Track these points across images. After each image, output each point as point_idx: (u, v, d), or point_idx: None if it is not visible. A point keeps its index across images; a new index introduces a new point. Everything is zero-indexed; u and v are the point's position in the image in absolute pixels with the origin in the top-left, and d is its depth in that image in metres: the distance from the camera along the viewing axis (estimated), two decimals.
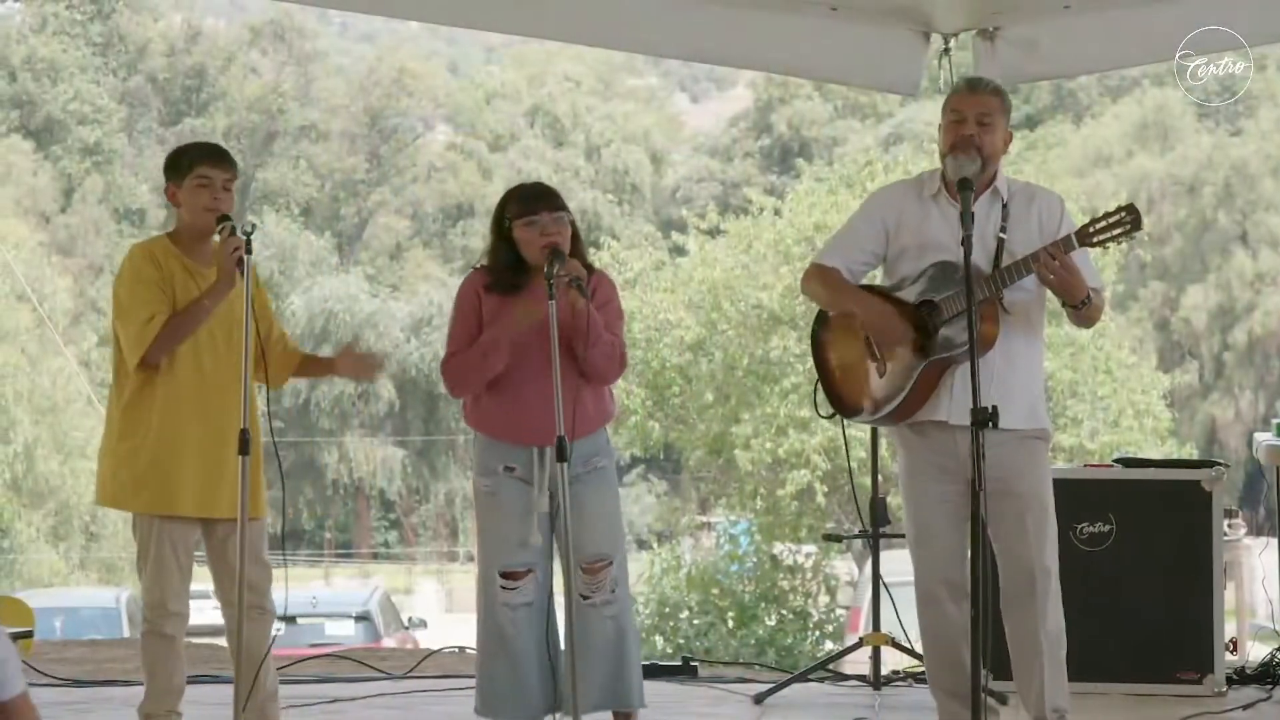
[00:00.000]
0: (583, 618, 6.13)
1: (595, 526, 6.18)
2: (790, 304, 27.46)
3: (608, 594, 6.19)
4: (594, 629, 6.15)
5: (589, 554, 6.16)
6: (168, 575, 6.03)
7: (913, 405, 5.87)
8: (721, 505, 32.14)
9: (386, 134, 55.87)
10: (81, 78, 53.13)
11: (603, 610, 6.18)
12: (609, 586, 6.19)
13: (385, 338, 48.43)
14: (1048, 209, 5.95)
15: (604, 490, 6.24)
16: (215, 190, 6.09)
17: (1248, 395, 46.95)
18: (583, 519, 6.13)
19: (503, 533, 6.18)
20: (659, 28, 7.83)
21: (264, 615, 6.12)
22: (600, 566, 6.18)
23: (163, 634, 6.06)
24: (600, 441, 6.27)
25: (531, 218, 6.17)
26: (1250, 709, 7.17)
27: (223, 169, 6.14)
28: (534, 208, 6.19)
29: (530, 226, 6.17)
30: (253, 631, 6.06)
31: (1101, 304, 5.89)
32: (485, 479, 6.22)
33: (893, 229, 5.99)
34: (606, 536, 6.21)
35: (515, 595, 6.14)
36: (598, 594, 6.18)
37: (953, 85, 6.11)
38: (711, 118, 65.60)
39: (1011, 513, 5.83)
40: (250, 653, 6.05)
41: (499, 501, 6.18)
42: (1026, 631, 5.86)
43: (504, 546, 6.18)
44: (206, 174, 6.10)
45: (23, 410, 35.83)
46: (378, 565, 48.74)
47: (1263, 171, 46.03)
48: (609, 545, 6.22)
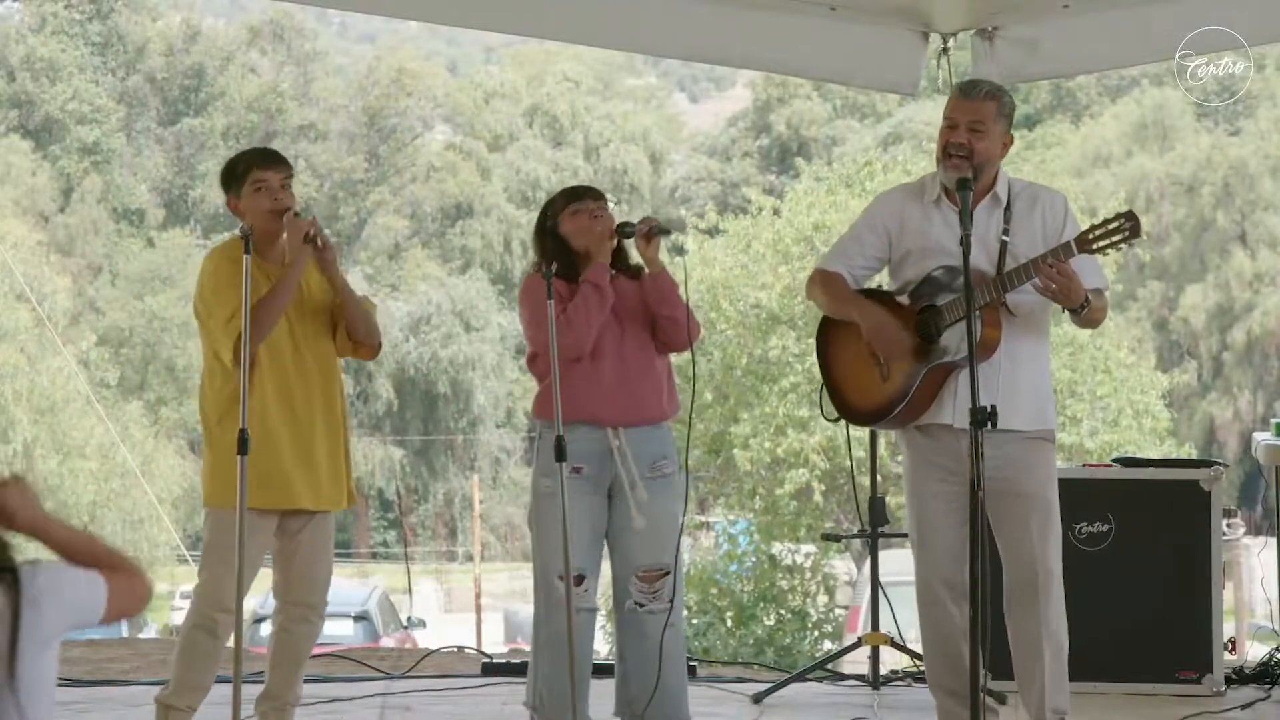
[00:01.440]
0: (639, 625, 6.12)
1: (656, 535, 6.15)
2: (789, 304, 27.47)
3: (665, 603, 6.16)
4: (651, 636, 6.14)
5: (648, 563, 6.14)
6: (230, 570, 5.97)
7: (917, 409, 5.87)
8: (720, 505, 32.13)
9: (385, 134, 55.88)
10: (80, 77, 53.14)
11: (662, 619, 6.15)
12: (666, 596, 6.16)
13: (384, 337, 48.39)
14: (1051, 210, 5.94)
15: (667, 497, 6.20)
16: (274, 191, 6.11)
17: (1246, 395, 46.97)
18: (644, 526, 6.11)
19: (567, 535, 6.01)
20: (658, 28, 7.83)
21: (320, 619, 6.22)
22: (658, 575, 6.16)
23: (213, 631, 6.07)
24: (666, 442, 6.25)
25: (576, 205, 6.24)
26: (1249, 709, 7.18)
27: (277, 169, 6.16)
28: (580, 196, 6.29)
29: (577, 214, 6.24)
30: (306, 633, 6.15)
31: (1104, 305, 5.88)
32: (547, 478, 6.10)
33: (895, 234, 5.98)
34: (668, 546, 6.18)
35: (583, 599, 6.08)
36: (655, 602, 6.15)
37: (952, 88, 6.09)
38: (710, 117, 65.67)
39: (1016, 513, 5.83)
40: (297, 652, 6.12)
41: (560, 504, 5.98)
42: (1029, 632, 5.86)
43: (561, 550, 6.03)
44: (262, 177, 6.12)
45: (21, 410, 35.82)
46: (376, 565, 48.73)
47: (1261, 171, 46.05)
48: (668, 555, 6.18)
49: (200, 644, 6.09)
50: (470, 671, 8.33)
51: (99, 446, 37.33)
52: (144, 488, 35.99)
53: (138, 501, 37.49)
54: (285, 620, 6.15)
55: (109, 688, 7.94)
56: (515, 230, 54.03)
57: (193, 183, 52.88)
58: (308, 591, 6.13)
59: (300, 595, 6.14)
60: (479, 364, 48.99)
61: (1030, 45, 7.60)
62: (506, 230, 53.86)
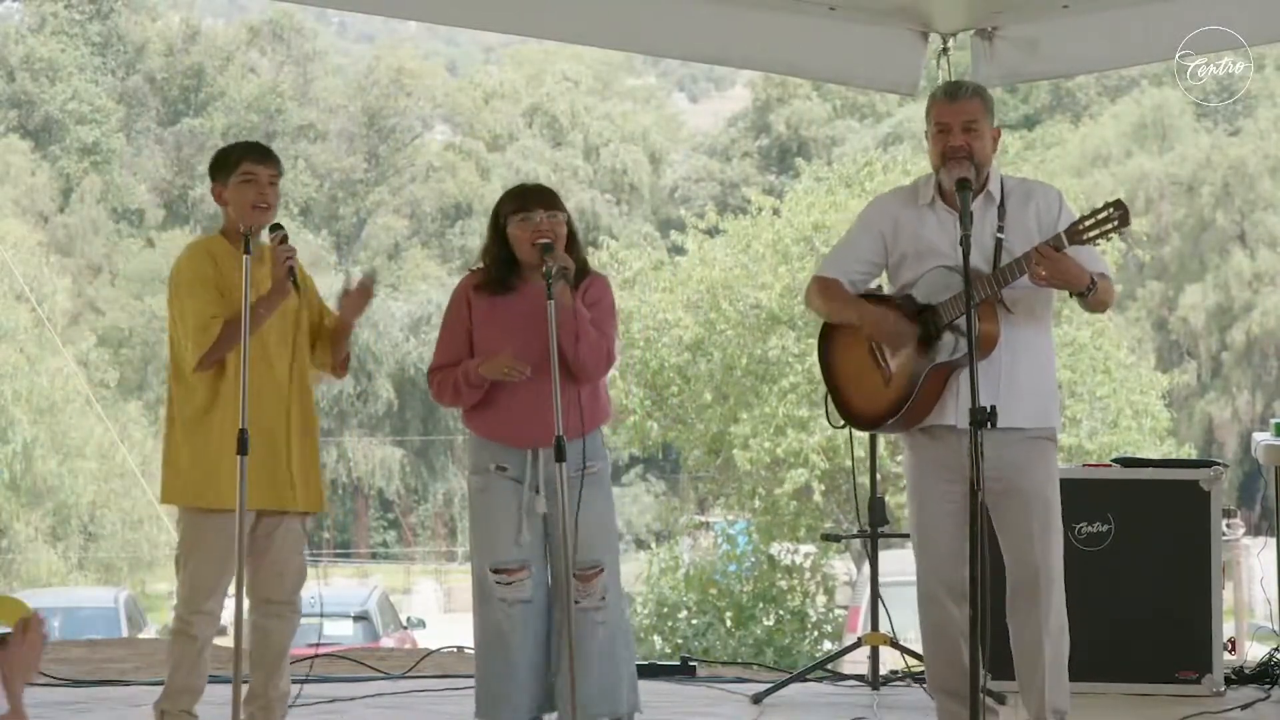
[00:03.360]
0: (574, 623, 6.11)
1: (588, 533, 6.12)
2: (789, 304, 27.45)
3: (598, 600, 6.17)
4: (585, 634, 6.13)
5: (580, 561, 6.12)
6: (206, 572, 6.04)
7: (920, 411, 5.88)
8: (720, 505, 32.12)
9: (385, 134, 55.87)
10: (80, 77, 53.11)
11: (593, 616, 6.16)
12: (599, 593, 6.17)
13: (384, 337, 48.47)
14: (1045, 204, 5.95)
15: (597, 495, 6.20)
16: (261, 186, 6.11)
17: (1245, 395, 46.96)
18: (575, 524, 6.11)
19: (493, 530, 6.17)
20: (657, 27, 7.83)
21: (294, 614, 6.22)
22: (592, 574, 6.16)
23: (189, 633, 6.08)
24: (594, 444, 6.24)
25: (526, 214, 6.18)
26: (1249, 709, 7.18)
27: (267, 165, 6.17)
28: (529, 205, 6.20)
29: (524, 223, 6.17)
30: (280, 629, 6.15)
31: (1110, 288, 5.87)
32: (477, 476, 6.25)
33: (890, 237, 5.99)
34: (599, 542, 6.19)
35: (512, 590, 6.11)
36: (588, 600, 6.16)
37: (931, 94, 6.08)
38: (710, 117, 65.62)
39: (1017, 513, 5.83)
40: (273, 648, 6.11)
41: (489, 499, 6.17)
42: (1030, 632, 5.86)
43: (495, 543, 6.16)
44: (251, 170, 6.13)
45: (21, 410, 35.81)
46: (376, 565, 48.73)
47: (1261, 171, 46.03)
48: (600, 551, 6.19)
49: (182, 648, 6.11)
50: (469, 672, 8.32)
51: (98, 447, 37.33)
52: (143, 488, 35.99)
53: (137, 502, 37.51)
54: (259, 618, 6.16)
55: (108, 688, 7.95)
56: None
57: (192, 183, 52.85)
58: (277, 589, 6.14)
59: (270, 593, 6.14)
60: None
61: (1030, 45, 7.60)
62: None
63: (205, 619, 6.05)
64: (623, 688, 6.24)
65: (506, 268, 6.21)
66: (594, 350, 6.12)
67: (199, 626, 6.06)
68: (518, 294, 6.19)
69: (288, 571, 6.16)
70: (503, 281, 6.19)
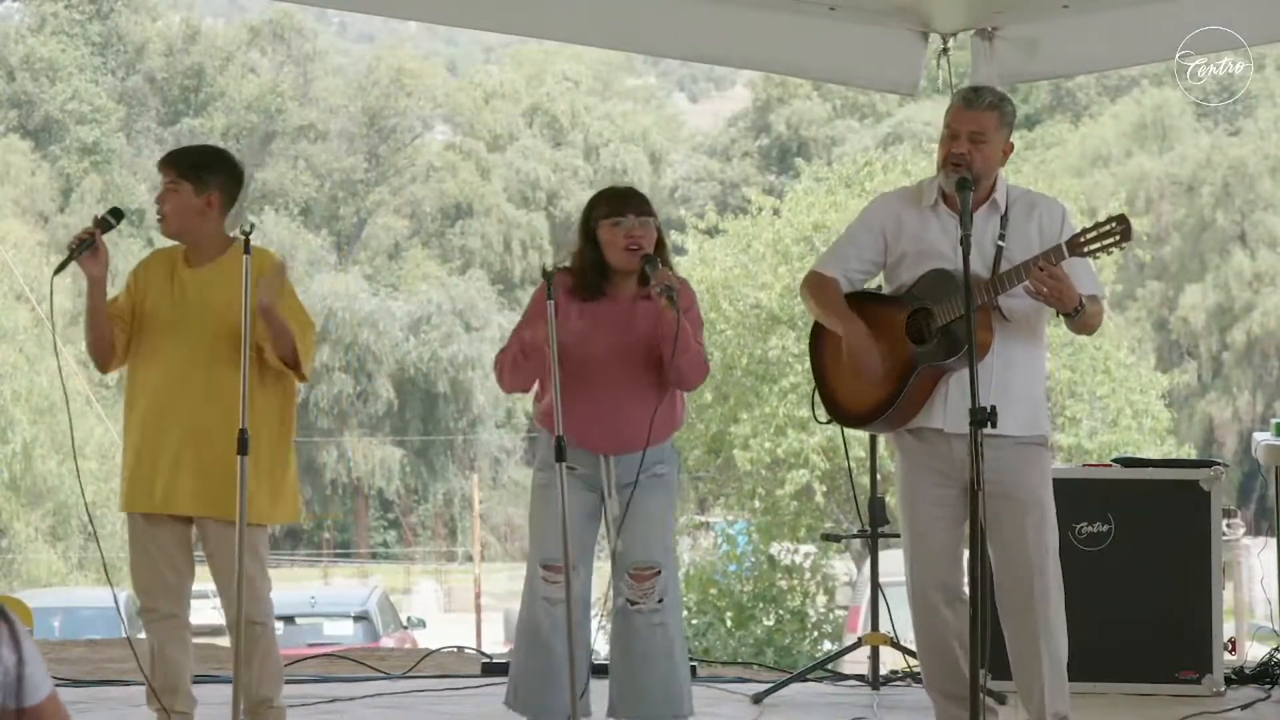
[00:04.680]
0: (630, 624, 6.12)
1: (648, 533, 6.13)
2: (789, 304, 27.47)
3: (655, 602, 6.14)
4: (642, 636, 6.12)
5: (639, 560, 6.12)
6: (140, 574, 6.02)
7: (907, 412, 5.87)
8: (720, 505, 32.14)
9: (385, 134, 55.89)
10: (80, 77, 53.14)
11: (651, 618, 6.14)
12: (656, 595, 6.14)
13: (384, 337, 48.46)
14: (1048, 217, 5.93)
15: (661, 497, 6.19)
16: (163, 195, 6.14)
17: (1246, 395, 46.99)
18: (636, 525, 6.10)
19: (551, 525, 6.03)
20: (657, 27, 7.83)
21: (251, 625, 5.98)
22: (649, 574, 6.14)
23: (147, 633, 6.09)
24: (665, 449, 6.22)
25: (618, 219, 6.13)
26: (1249, 709, 7.17)
27: (164, 172, 6.16)
28: (621, 209, 6.15)
29: (616, 228, 6.12)
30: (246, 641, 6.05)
31: (1100, 311, 5.87)
32: (543, 473, 6.16)
33: (891, 236, 5.98)
34: (658, 544, 6.17)
35: (556, 590, 6.06)
36: (645, 601, 6.13)
37: (953, 95, 6.07)
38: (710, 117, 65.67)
39: (1011, 518, 5.81)
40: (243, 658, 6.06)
41: (552, 495, 6.00)
42: (1026, 637, 5.84)
43: (551, 538, 6.06)
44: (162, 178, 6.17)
45: (21, 410, 35.82)
46: (376, 565, 48.73)
47: (1261, 171, 46.06)
48: (660, 553, 6.17)
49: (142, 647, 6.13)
50: (470, 671, 8.34)
51: (98, 447, 37.31)
52: None
53: None
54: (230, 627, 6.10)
55: (108, 688, 7.94)
56: (515, 230, 54.07)
57: None
58: (228, 605, 5.99)
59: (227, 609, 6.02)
60: (479, 364, 48.96)
61: (1030, 45, 7.60)
62: (506, 230, 53.89)
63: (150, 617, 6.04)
64: (682, 689, 6.24)
65: (597, 271, 6.17)
66: (695, 361, 6.08)
67: (146, 626, 6.07)
68: (608, 298, 6.16)
69: (226, 586, 5.97)
70: (595, 286, 6.15)
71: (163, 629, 6.04)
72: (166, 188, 6.12)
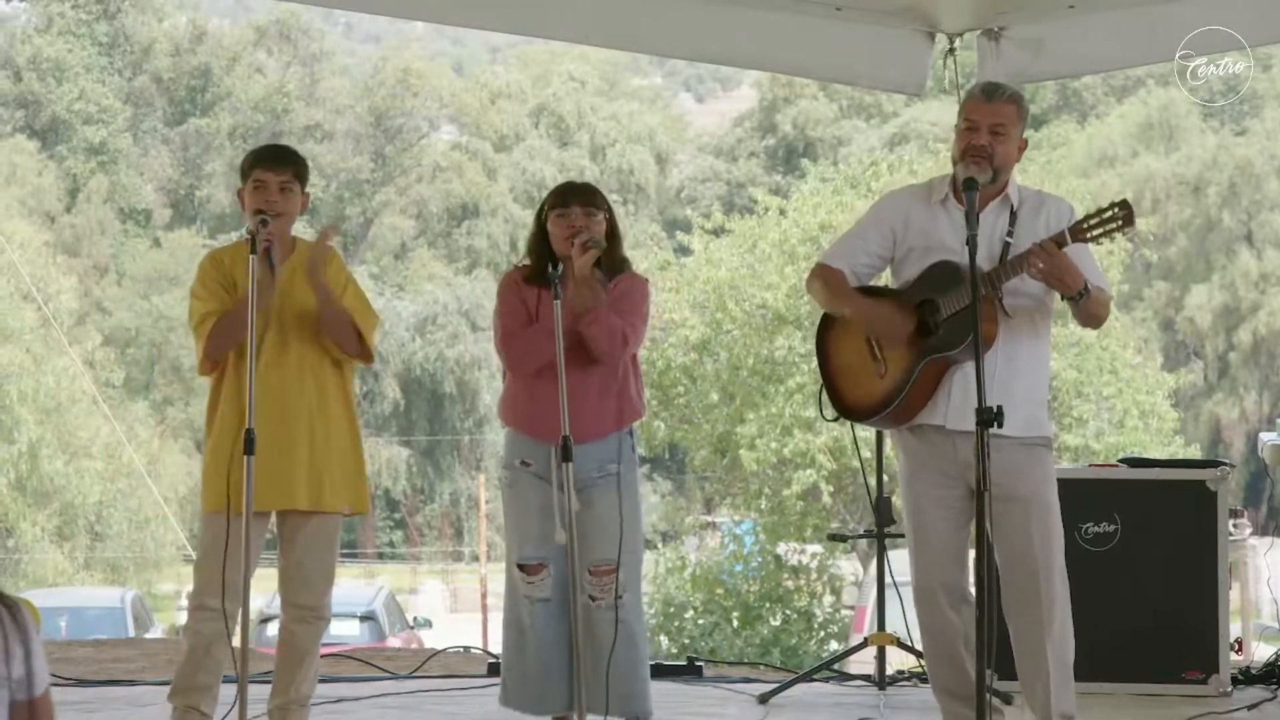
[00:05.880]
0: (590, 619, 6.17)
1: (602, 531, 6.19)
2: (795, 304, 27.46)
3: (613, 599, 6.21)
4: (600, 631, 6.18)
5: (595, 558, 6.20)
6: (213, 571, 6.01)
7: (912, 407, 5.86)
8: (726, 505, 32.13)
9: (391, 134, 55.88)
10: (87, 77, 53.15)
11: (608, 614, 6.20)
12: (614, 591, 6.21)
13: (390, 337, 48.45)
14: (1056, 215, 5.92)
15: (613, 496, 6.23)
16: (270, 193, 6.11)
17: (1252, 395, 46.96)
18: (591, 523, 6.17)
19: (518, 526, 6.27)
20: (664, 28, 7.83)
21: (318, 619, 6.18)
22: (605, 570, 6.20)
23: (191, 627, 6.12)
24: (615, 447, 6.27)
25: (563, 210, 6.26)
26: (1255, 709, 7.17)
27: (276, 171, 6.15)
28: (567, 201, 6.29)
29: (561, 219, 6.26)
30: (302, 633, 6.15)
31: (1106, 301, 5.86)
32: (505, 471, 6.33)
33: (900, 232, 5.98)
34: (611, 543, 6.20)
35: (535, 589, 6.20)
36: (604, 597, 6.21)
37: (969, 89, 6.07)
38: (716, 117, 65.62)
39: (1015, 517, 5.80)
40: (295, 652, 6.13)
41: (515, 494, 6.27)
42: (1032, 637, 5.84)
43: (520, 539, 6.25)
44: (261, 177, 6.13)
45: (27, 410, 35.84)
46: (383, 565, 48.75)
47: (1268, 171, 46.03)
48: (613, 551, 6.21)
49: (185, 642, 6.16)
50: (476, 671, 8.35)
51: (105, 446, 37.36)
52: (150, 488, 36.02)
53: (143, 501, 37.53)
54: (285, 620, 6.19)
55: (115, 688, 7.95)
56: (521, 230, 53.96)
57: (199, 183, 52.91)
58: (301, 593, 6.14)
59: (294, 596, 6.15)
60: (485, 364, 48.96)
61: (1036, 45, 7.60)
62: (512, 230, 53.85)
63: (202, 614, 6.05)
64: (637, 686, 6.28)
65: (544, 262, 6.26)
66: (605, 326, 6.15)
67: (196, 622, 6.08)
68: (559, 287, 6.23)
69: (307, 575, 6.14)
70: (544, 274, 6.23)
71: (215, 628, 6.05)
72: (282, 186, 6.13)
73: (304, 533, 6.13)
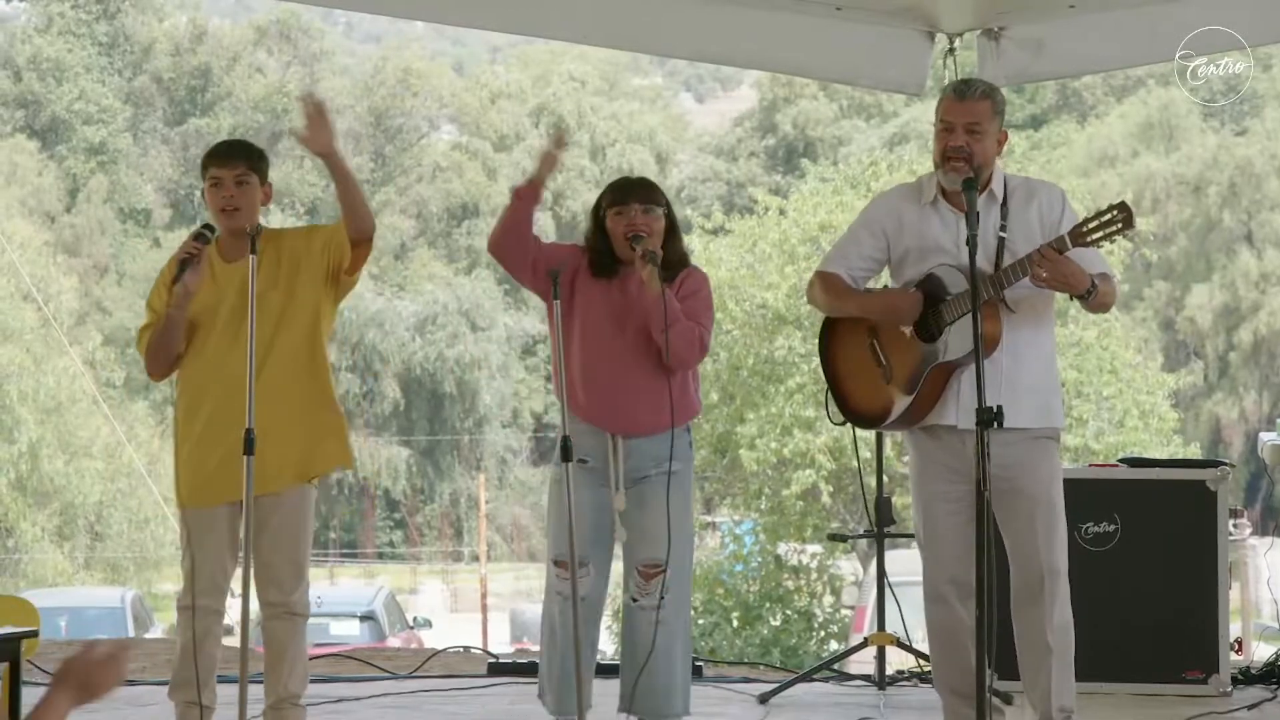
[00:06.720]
0: (631, 620, 6.17)
1: (654, 530, 6.16)
2: (795, 304, 27.46)
3: (656, 599, 6.18)
4: (641, 632, 6.17)
5: (643, 557, 6.17)
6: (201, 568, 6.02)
7: (921, 410, 5.87)
8: (726, 505, 32.12)
9: (391, 134, 55.90)
10: (87, 77, 53.16)
11: (650, 615, 6.18)
12: (659, 592, 6.17)
13: (390, 337, 48.45)
14: (1048, 203, 5.94)
15: (665, 494, 6.18)
16: (226, 189, 6.10)
17: (1252, 395, 46.95)
18: (642, 521, 6.14)
19: (563, 522, 6.10)
20: (664, 28, 7.84)
21: (290, 615, 6.07)
22: (653, 571, 6.17)
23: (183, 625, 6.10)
24: (678, 444, 6.24)
25: (622, 207, 6.26)
26: (1255, 709, 7.17)
27: (230, 166, 6.14)
28: (625, 198, 6.28)
29: (619, 216, 6.25)
30: (276, 630, 6.07)
31: (1112, 289, 5.85)
32: (557, 467, 6.20)
33: (893, 234, 5.99)
34: (663, 542, 6.16)
35: (568, 586, 6.11)
36: (646, 598, 6.18)
37: (943, 89, 6.07)
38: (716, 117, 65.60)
39: (1021, 512, 5.82)
40: (272, 651, 6.07)
41: (563, 491, 6.08)
42: (1035, 631, 5.85)
43: (562, 536, 6.11)
44: (216, 174, 6.13)
45: (27, 410, 35.82)
46: (382, 565, 48.75)
47: (1268, 171, 46.02)
48: (662, 551, 6.16)
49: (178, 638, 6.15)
50: (476, 671, 8.35)
51: (105, 446, 37.35)
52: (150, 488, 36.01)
53: (143, 501, 37.51)
54: (263, 619, 6.10)
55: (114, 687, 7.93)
56: None
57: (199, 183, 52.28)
58: (269, 590, 6.02)
59: (264, 593, 6.03)
60: (485, 364, 48.98)
61: (1036, 45, 7.61)
62: None
63: (185, 613, 6.04)
64: (675, 687, 6.25)
65: (605, 258, 6.27)
66: (684, 336, 6.13)
67: (183, 619, 6.07)
68: (619, 279, 6.26)
69: (274, 572, 6.02)
70: (604, 268, 6.25)
71: (205, 624, 6.05)
72: (237, 180, 6.13)
73: (269, 526, 6.00)
